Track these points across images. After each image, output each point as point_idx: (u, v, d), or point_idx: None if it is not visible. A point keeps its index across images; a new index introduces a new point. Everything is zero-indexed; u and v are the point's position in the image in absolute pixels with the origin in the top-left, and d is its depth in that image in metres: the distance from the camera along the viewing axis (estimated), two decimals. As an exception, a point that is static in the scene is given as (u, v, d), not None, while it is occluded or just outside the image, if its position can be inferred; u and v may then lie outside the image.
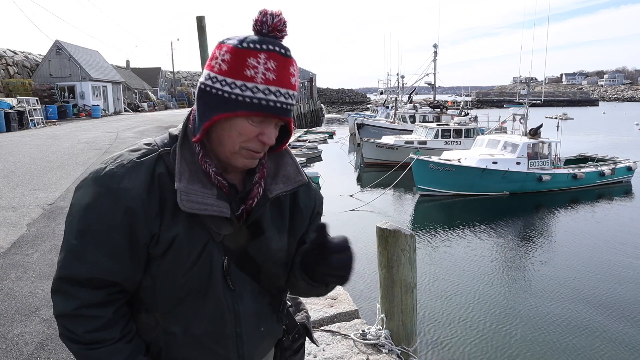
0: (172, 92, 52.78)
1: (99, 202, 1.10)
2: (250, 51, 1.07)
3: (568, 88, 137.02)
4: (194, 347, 1.21)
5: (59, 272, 1.13)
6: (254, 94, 1.07)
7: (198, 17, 8.63)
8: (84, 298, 1.12)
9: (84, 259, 1.10)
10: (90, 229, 1.10)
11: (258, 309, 1.26)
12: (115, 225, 1.10)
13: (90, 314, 1.12)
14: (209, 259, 1.16)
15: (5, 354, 3.18)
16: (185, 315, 1.19)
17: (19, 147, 13.80)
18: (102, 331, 1.13)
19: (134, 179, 1.10)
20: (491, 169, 17.38)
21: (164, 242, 1.12)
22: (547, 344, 7.61)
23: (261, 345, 1.31)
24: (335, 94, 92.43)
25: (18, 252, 5.13)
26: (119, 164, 1.12)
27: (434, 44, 35.72)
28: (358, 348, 3.33)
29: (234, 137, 1.11)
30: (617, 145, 30.95)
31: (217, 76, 1.09)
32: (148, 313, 1.20)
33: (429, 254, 11.94)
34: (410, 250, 3.39)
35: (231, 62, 1.07)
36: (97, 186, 1.11)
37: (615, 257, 11.55)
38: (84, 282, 1.11)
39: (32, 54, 32.63)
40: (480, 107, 75.63)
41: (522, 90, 22.32)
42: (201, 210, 1.11)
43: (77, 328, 1.12)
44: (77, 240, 1.11)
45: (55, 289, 1.14)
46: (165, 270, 1.15)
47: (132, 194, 1.09)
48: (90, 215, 1.10)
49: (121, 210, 1.09)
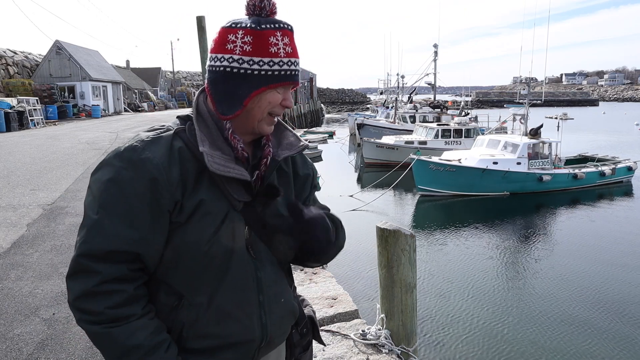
0: (172, 92, 52.79)
1: (121, 175, 1.13)
2: (269, 31, 1.20)
3: (568, 88, 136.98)
4: (220, 319, 1.22)
5: (79, 249, 1.13)
6: (280, 67, 1.21)
7: (198, 17, 8.63)
8: (106, 272, 1.12)
9: (105, 231, 1.12)
10: (112, 201, 1.13)
11: (278, 278, 1.33)
12: (138, 194, 1.13)
13: (112, 288, 1.12)
14: (231, 227, 1.21)
15: (5, 354, 3.18)
16: (209, 285, 1.21)
17: (19, 147, 13.81)
18: (125, 307, 1.13)
19: (154, 150, 1.16)
20: (491, 169, 17.37)
21: (188, 208, 1.16)
22: (547, 344, 7.61)
23: (281, 320, 1.34)
24: (335, 94, 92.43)
25: (18, 252, 5.13)
26: (138, 140, 1.18)
27: (434, 44, 35.71)
28: (358, 348, 3.33)
29: (263, 106, 1.24)
30: (617, 145, 30.96)
31: (242, 57, 1.20)
32: (167, 294, 1.22)
33: (429, 254, 11.93)
34: (410, 250, 3.39)
35: (254, 43, 1.19)
36: (118, 161, 1.15)
37: (616, 257, 11.54)
38: (105, 256, 1.12)
39: (32, 54, 32.64)
40: (480, 107, 75.63)
41: (523, 90, 22.32)
42: (225, 172, 1.18)
43: (99, 305, 1.11)
44: (98, 215, 1.13)
45: (74, 269, 1.13)
46: (189, 238, 1.17)
47: (154, 162, 1.14)
48: (112, 188, 1.13)
49: (144, 179, 1.13)
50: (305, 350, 1.50)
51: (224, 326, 1.23)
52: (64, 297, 4.04)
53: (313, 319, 1.51)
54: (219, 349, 1.23)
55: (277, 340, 1.35)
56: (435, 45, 35.54)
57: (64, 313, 3.76)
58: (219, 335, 1.23)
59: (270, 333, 1.29)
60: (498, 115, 27.21)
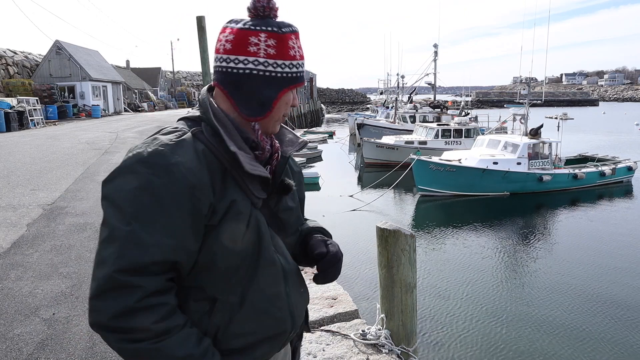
0: (172, 92, 52.79)
1: (151, 182, 1.09)
2: (289, 34, 1.25)
3: (568, 88, 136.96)
4: (254, 315, 1.24)
5: (115, 264, 1.06)
6: (297, 69, 1.27)
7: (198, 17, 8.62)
8: (148, 286, 1.07)
9: (143, 242, 1.07)
10: (144, 210, 1.08)
11: (296, 270, 1.40)
12: (174, 200, 1.10)
13: (156, 302, 1.08)
14: (257, 225, 1.23)
15: (5, 354, 3.18)
16: (241, 284, 1.22)
17: (19, 147, 13.80)
18: (169, 319, 1.10)
19: (182, 154, 1.13)
20: (492, 169, 17.37)
21: (221, 210, 1.16)
22: (547, 344, 7.61)
23: (303, 308, 1.42)
24: (335, 94, 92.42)
25: (18, 252, 5.13)
26: (161, 144, 1.14)
27: (434, 44, 35.70)
28: (358, 348, 3.33)
29: (282, 107, 1.29)
30: (617, 145, 30.96)
31: (267, 60, 1.23)
32: (197, 300, 1.21)
33: (429, 254, 11.93)
34: (410, 250, 3.39)
35: (278, 47, 1.23)
36: (144, 167, 1.10)
37: (616, 257, 11.54)
38: (145, 269, 1.07)
39: (32, 54, 32.64)
40: (480, 107, 75.63)
41: (523, 90, 22.31)
42: (254, 171, 1.21)
43: (144, 321, 1.06)
44: (132, 226, 1.07)
45: (107, 287, 1.06)
46: (223, 238, 1.17)
47: (187, 166, 1.12)
48: (142, 196, 1.08)
49: (180, 185, 1.10)
50: (299, 338, 1.55)
51: (258, 322, 1.25)
52: (64, 297, 4.04)
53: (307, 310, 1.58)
54: (254, 345, 1.26)
55: (299, 328, 1.43)
56: (435, 45, 35.54)
57: (64, 313, 3.76)
58: (254, 332, 1.25)
59: (297, 322, 1.36)
60: (498, 115, 27.22)
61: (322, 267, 1.37)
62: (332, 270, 1.38)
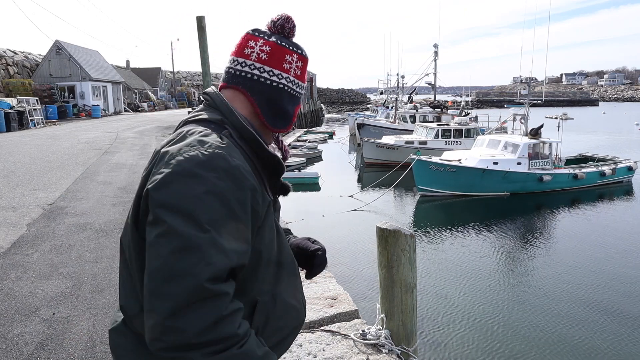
0: (172, 92, 52.77)
1: (218, 186, 1.05)
2: (306, 58, 1.39)
3: (568, 88, 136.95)
4: (284, 311, 1.30)
5: (204, 273, 1.00)
6: (301, 90, 1.41)
7: (198, 17, 8.63)
8: (231, 292, 1.06)
9: (224, 248, 1.03)
10: (218, 215, 1.04)
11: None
12: (241, 203, 1.09)
13: (237, 306, 1.07)
14: (275, 223, 1.30)
15: (5, 354, 3.18)
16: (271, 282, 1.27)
17: (19, 147, 13.80)
18: (244, 322, 1.11)
19: (237, 156, 1.14)
20: (492, 169, 17.37)
21: (263, 211, 1.20)
22: (547, 344, 7.60)
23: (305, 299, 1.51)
24: (335, 94, 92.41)
25: (18, 252, 5.13)
26: (216, 146, 1.12)
27: (434, 44, 35.68)
28: (358, 348, 3.33)
29: None
30: (617, 145, 30.95)
31: (295, 80, 1.36)
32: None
33: (429, 254, 11.93)
34: (410, 250, 3.39)
35: (302, 69, 1.38)
36: (207, 171, 1.06)
37: (616, 258, 11.54)
38: (227, 275, 1.05)
39: (32, 54, 32.64)
40: (480, 107, 75.62)
41: (523, 90, 22.30)
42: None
43: (232, 327, 1.04)
44: (209, 233, 1.02)
45: (198, 298, 1.00)
46: (266, 239, 1.22)
47: (245, 168, 1.13)
48: (214, 201, 1.04)
49: (244, 188, 1.10)
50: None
51: (287, 317, 1.32)
52: (64, 297, 4.04)
53: None
54: (285, 339, 1.33)
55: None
56: (435, 45, 35.52)
57: (64, 313, 3.76)
58: (285, 326, 1.31)
59: (306, 312, 1.44)
60: (498, 115, 27.21)
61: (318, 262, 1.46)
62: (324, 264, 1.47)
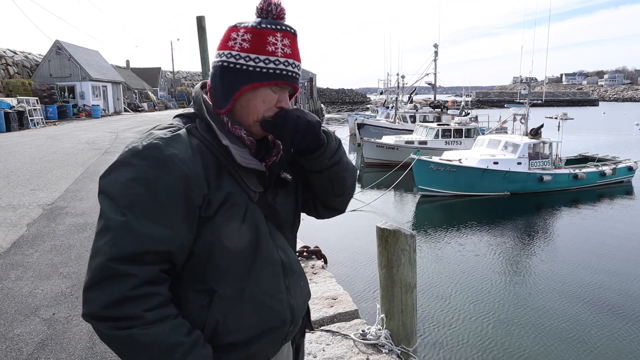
0: (172, 92, 52.79)
1: (146, 173, 1.11)
2: (269, 31, 1.24)
3: (568, 88, 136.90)
4: (252, 308, 1.24)
5: (108, 253, 1.07)
6: (276, 65, 1.24)
7: (198, 17, 8.62)
8: (142, 275, 1.08)
9: (136, 231, 1.08)
10: (138, 200, 1.10)
11: (296, 263, 1.39)
12: (168, 191, 1.11)
13: (149, 291, 1.09)
14: (253, 218, 1.24)
15: (5, 354, 3.17)
16: (239, 277, 1.23)
17: (19, 147, 13.81)
18: (162, 308, 1.11)
19: (176, 147, 1.16)
20: (492, 169, 17.36)
21: (216, 202, 1.18)
22: (547, 344, 7.60)
23: (304, 302, 1.41)
24: (335, 94, 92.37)
25: (18, 252, 5.13)
26: (156, 138, 1.16)
27: (434, 44, 35.67)
28: (358, 348, 3.33)
29: (258, 105, 1.26)
30: (617, 145, 30.94)
31: (239, 54, 1.24)
32: (197, 292, 1.21)
33: (429, 254, 11.93)
34: (410, 250, 3.39)
35: (253, 41, 1.23)
36: (139, 160, 1.12)
37: (617, 258, 11.53)
38: (138, 257, 1.08)
39: (32, 54, 32.65)
40: (480, 107, 75.61)
41: (523, 90, 22.30)
42: (247, 164, 1.23)
43: (136, 308, 1.07)
44: (126, 216, 1.08)
45: (102, 276, 1.06)
46: (219, 230, 1.18)
47: (180, 157, 1.14)
48: (137, 187, 1.10)
49: (173, 175, 1.12)
50: (302, 335, 1.55)
51: (258, 315, 1.25)
52: (64, 297, 4.04)
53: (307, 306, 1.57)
54: (254, 339, 1.26)
55: (299, 322, 1.41)
56: (435, 45, 35.51)
57: (64, 313, 3.76)
58: (255, 325, 1.25)
59: (297, 316, 1.35)
60: (498, 115, 27.20)
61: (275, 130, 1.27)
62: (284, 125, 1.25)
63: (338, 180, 1.40)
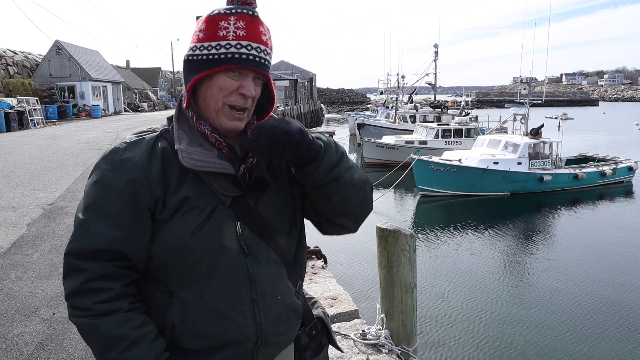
0: (172, 92, 52.77)
1: (104, 176, 1.17)
2: (221, 16, 1.19)
3: (568, 88, 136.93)
4: (210, 316, 1.19)
5: (67, 248, 1.17)
6: (227, 49, 1.17)
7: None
8: (92, 270, 1.14)
9: (90, 230, 1.14)
10: (96, 202, 1.16)
11: (274, 275, 1.25)
12: (118, 193, 1.15)
13: (99, 286, 1.14)
14: (219, 223, 1.18)
15: (5, 354, 3.17)
16: (199, 282, 1.19)
17: (19, 147, 13.81)
18: (112, 302, 1.15)
19: (134, 150, 1.19)
20: (492, 169, 17.36)
21: (172, 206, 1.16)
22: (547, 344, 7.60)
23: (279, 318, 1.26)
24: (335, 94, 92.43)
25: (18, 252, 5.13)
26: (121, 142, 1.22)
27: (434, 44, 35.65)
28: (358, 348, 3.33)
29: (215, 93, 1.19)
30: (617, 145, 30.93)
31: (195, 45, 1.21)
32: (161, 291, 1.22)
33: (429, 254, 11.93)
34: (410, 251, 3.39)
35: (206, 29, 1.19)
36: (104, 163, 1.19)
37: (617, 258, 11.53)
38: (90, 254, 1.14)
39: (32, 54, 32.65)
40: (480, 107, 75.60)
41: (523, 90, 22.30)
42: (203, 167, 1.16)
43: (86, 301, 1.14)
44: (85, 216, 1.16)
45: (65, 268, 1.17)
46: (173, 233, 1.16)
47: (133, 161, 1.16)
48: (96, 189, 1.17)
49: (124, 178, 1.15)
50: (317, 354, 1.42)
51: (215, 325, 1.19)
52: (63, 297, 4.04)
53: (323, 321, 1.45)
54: (214, 349, 1.21)
55: (276, 340, 1.27)
56: (435, 45, 35.48)
57: (64, 313, 3.76)
58: (212, 335, 1.20)
59: (265, 332, 1.23)
60: (498, 115, 27.19)
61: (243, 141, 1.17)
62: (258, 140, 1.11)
63: (337, 198, 1.24)
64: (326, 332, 1.46)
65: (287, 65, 65.34)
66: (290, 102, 47.60)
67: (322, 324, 1.44)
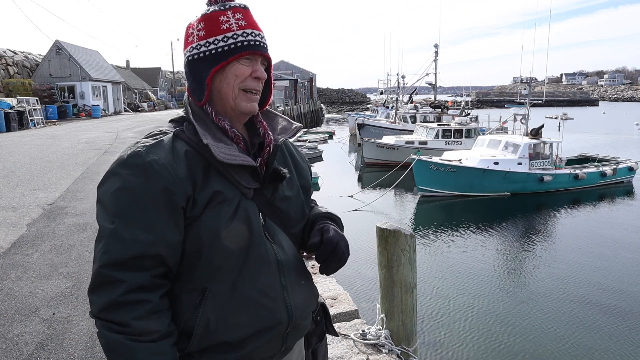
0: (172, 92, 52.74)
1: (129, 182, 1.15)
2: (218, 12, 1.27)
3: (568, 88, 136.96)
4: (245, 306, 1.23)
5: (100, 260, 1.13)
6: (235, 39, 1.25)
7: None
8: (131, 280, 1.13)
9: (124, 238, 1.13)
10: (125, 208, 1.14)
11: (297, 261, 1.36)
12: (150, 196, 1.15)
13: (136, 298, 1.13)
14: (245, 214, 1.23)
15: (5, 354, 3.17)
16: (231, 274, 1.22)
17: (19, 147, 13.80)
18: (150, 319, 1.14)
19: (157, 152, 1.19)
20: (492, 169, 17.36)
21: (202, 201, 1.19)
22: (547, 344, 7.60)
23: (305, 303, 1.36)
24: (335, 94, 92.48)
25: (18, 252, 5.12)
26: (139, 146, 1.21)
27: (434, 44, 35.63)
28: (358, 348, 3.32)
29: (231, 81, 1.27)
30: (617, 145, 30.94)
31: (199, 43, 1.27)
32: (189, 292, 1.23)
33: (429, 254, 11.93)
34: (410, 251, 3.38)
35: (207, 27, 1.27)
36: (124, 169, 1.17)
37: (617, 258, 11.53)
38: (127, 264, 1.13)
39: (32, 54, 32.64)
40: (480, 107, 75.61)
41: (523, 90, 22.29)
42: (232, 160, 1.21)
43: (125, 315, 1.12)
44: (114, 224, 1.14)
45: (97, 282, 1.14)
46: (207, 227, 1.19)
47: (160, 163, 1.17)
48: (123, 196, 1.15)
49: (154, 181, 1.15)
50: (320, 340, 1.50)
51: (251, 313, 1.23)
52: (64, 297, 4.04)
53: (325, 307, 1.52)
54: (249, 338, 1.24)
55: (302, 324, 1.35)
56: (435, 45, 35.46)
57: (64, 313, 3.76)
58: (248, 324, 1.23)
59: (295, 316, 1.30)
60: (499, 116, 27.20)
61: (319, 257, 1.32)
62: (330, 259, 1.32)
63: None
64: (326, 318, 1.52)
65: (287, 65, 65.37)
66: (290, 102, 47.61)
67: (324, 310, 1.52)
